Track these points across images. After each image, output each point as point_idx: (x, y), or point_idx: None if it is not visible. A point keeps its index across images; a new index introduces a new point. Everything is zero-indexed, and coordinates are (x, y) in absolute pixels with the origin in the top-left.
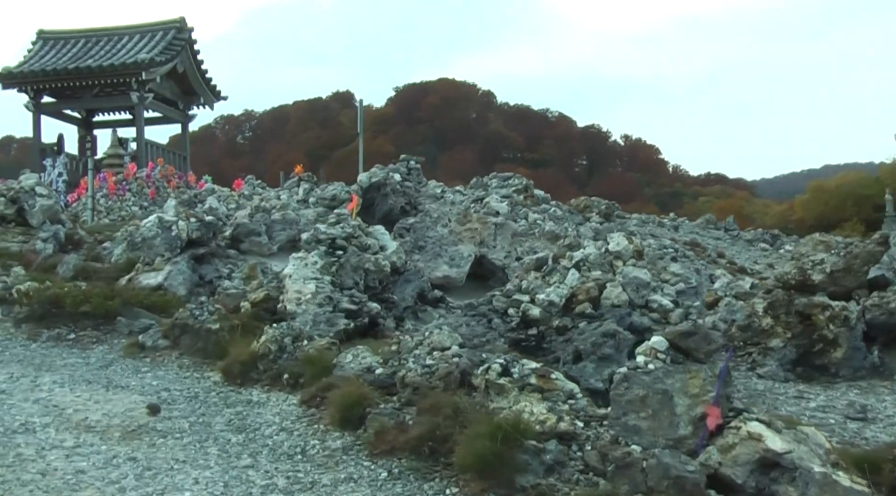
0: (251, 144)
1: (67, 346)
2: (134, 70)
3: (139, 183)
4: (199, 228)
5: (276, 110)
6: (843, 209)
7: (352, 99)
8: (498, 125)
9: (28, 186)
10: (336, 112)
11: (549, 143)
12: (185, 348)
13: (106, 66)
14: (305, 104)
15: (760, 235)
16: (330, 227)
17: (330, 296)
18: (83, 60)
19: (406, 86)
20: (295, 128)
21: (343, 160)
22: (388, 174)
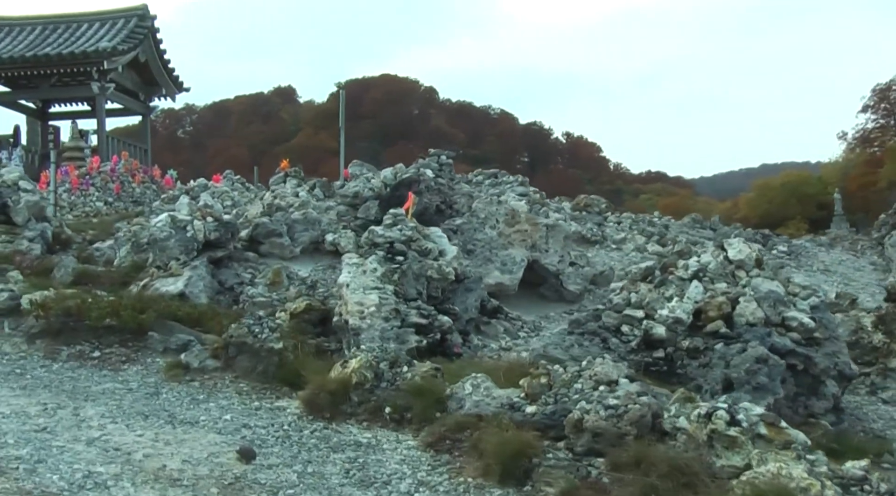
0: (192, 139)
1: (95, 367)
2: (95, 59)
3: (103, 177)
4: (217, 229)
5: (218, 105)
6: (788, 207)
7: (294, 94)
8: (440, 121)
9: (11, 180)
10: (278, 107)
11: (491, 140)
12: (242, 371)
13: (65, 55)
14: (247, 99)
15: (752, 235)
16: (387, 230)
17: (396, 308)
18: (40, 48)
19: (348, 81)
20: (236, 123)
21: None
22: (418, 170)
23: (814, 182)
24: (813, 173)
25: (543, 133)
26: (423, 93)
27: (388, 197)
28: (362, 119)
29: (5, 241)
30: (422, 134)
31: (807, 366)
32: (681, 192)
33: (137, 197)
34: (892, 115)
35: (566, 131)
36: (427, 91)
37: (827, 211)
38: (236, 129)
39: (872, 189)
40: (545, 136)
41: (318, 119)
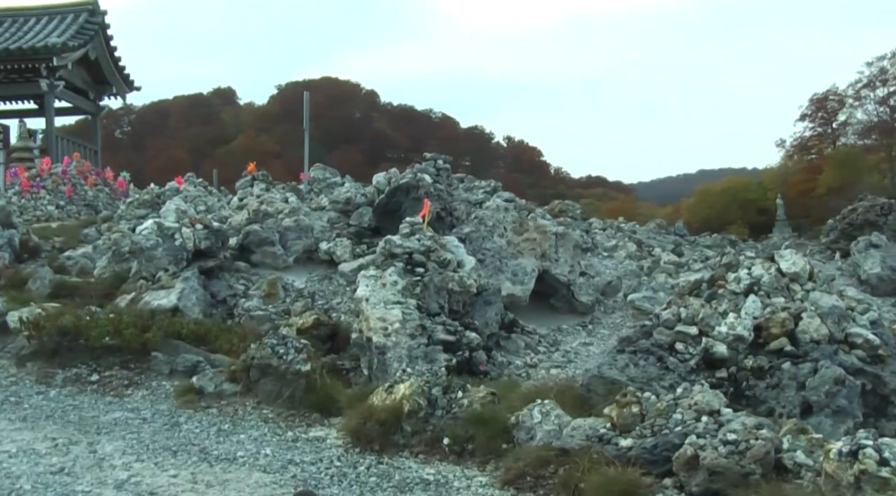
0: (130, 139)
1: (96, 393)
2: (44, 55)
3: (54, 179)
4: (208, 237)
5: (156, 105)
6: (729, 212)
7: (234, 96)
8: (382, 125)
9: None
10: (218, 109)
11: (434, 144)
12: (265, 396)
13: (13, 50)
14: (186, 100)
15: (718, 241)
16: (405, 240)
17: (422, 324)
18: None
19: (289, 84)
20: (176, 123)
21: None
22: (416, 175)
23: (754, 188)
24: (753, 179)
25: (485, 137)
26: (365, 96)
27: (383, 203)
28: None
29: None
30: (364, 137)
31: (875, 386)
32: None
33: (90, 200)
34: (829, 123)
35: (507, 135)
36: (369, 94)
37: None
38: (176, 131)
39: (811, 195)
40: (487, 139)
41: (259, 121)
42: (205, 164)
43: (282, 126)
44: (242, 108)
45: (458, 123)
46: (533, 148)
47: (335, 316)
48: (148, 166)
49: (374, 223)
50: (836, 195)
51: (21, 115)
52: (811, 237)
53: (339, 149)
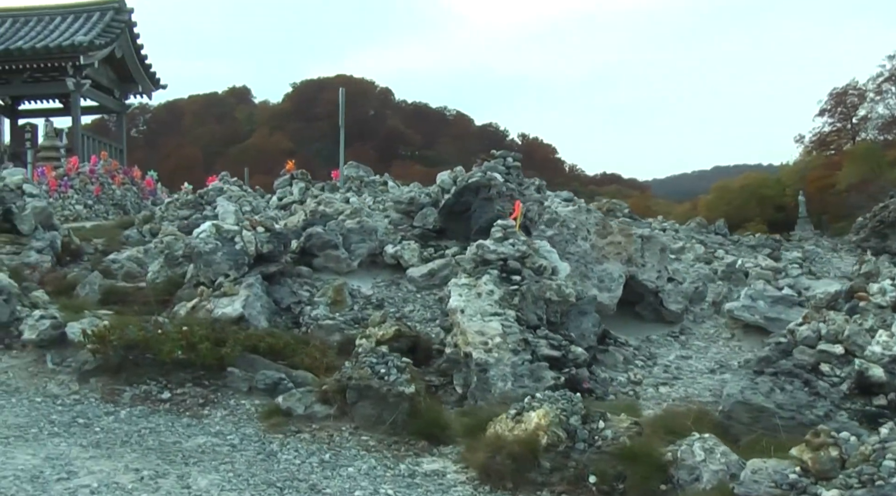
0: (145, 138)
1: (170, 413)
2: (71, 54)
3: (82, 179)
4: (270, 240)
5: (171, 104)
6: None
7: (248, 94)
8: (396, 122)
9: (14, 184)
10: (232, 107)
11: (447, 141)
12: (363, 420)
13: (39, 49)
14: (201, 99)
15: (763, 241)
16: (499, 244)
17: (524, 338)
18: (12, 41)
19: (303, 82)
20: (190, 122)
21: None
22: (485, 173)
23: (772, 184)
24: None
25: (499, 134)
26: (379, 93)
27: (450, 204)
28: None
29: (11, 252)
30: (378, 134)
31: None
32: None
33: (118, 199)
34: (849, 118)
35: (521, 133)
36: (383, 92)
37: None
38: (190, 129)
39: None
40: (501, 137)
41: (273, 119)
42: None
43: (296, 124)
44: (257, 107)
45: (472, 121)
46: (547, 145)
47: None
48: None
49: (439, 224)
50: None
51: (47, 114)
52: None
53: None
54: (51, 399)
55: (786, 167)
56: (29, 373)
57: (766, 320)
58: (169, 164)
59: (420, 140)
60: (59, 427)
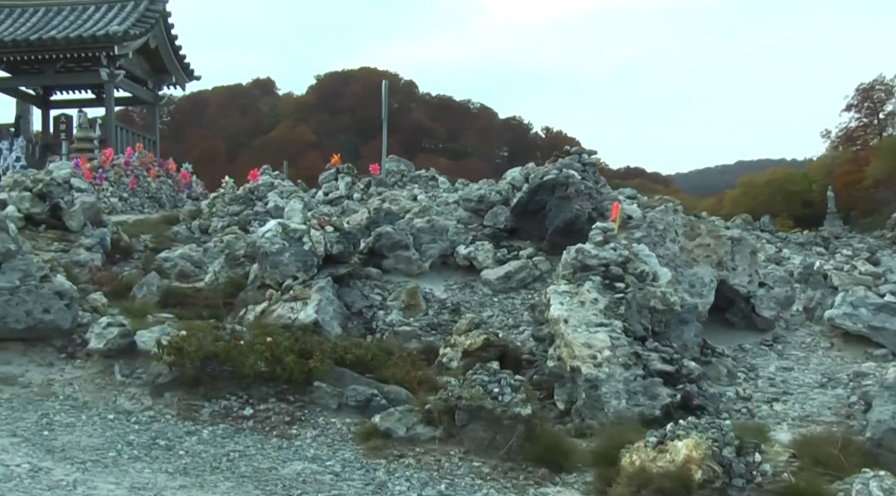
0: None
1: (255, 432)
2: (105, 44)
3: (117, 171)
4: (340, 240)
5: (195, 95)
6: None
7: (272, 86)
8: (420, 115)
9: (61, 178)
10: (256, 99)
11: (471, 134)
12: (475, 444)
13: (73, 38)
14: (225, 90)
15: (812, 238)
16: (599, 249)
17: (635, 351)
18: (45, 31)
19: (327, 74)
20: (214, 114)
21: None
22: (560, 171)
23: (799, 179)
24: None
25: (523, 127)
26: (403, 86)
27: (524, 202)
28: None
29: (59, 249)
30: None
31: None
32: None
33: (153, 192)
34: (876, 114)
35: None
36: (407, 85)
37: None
38: (213, 121)
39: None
40: (525, 130)
41: (297, 111)
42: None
43: (320, 116)
44: (281, 99)
45: (496, 114)
46: (571, 139)
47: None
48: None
49: (510, 224)
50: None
51: (79, 105)
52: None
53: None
54: (124, 416)
55: (811, 162)
56: (96, 385)
57: (869, 329)
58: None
59: (444, 133)
60: (139, 449)
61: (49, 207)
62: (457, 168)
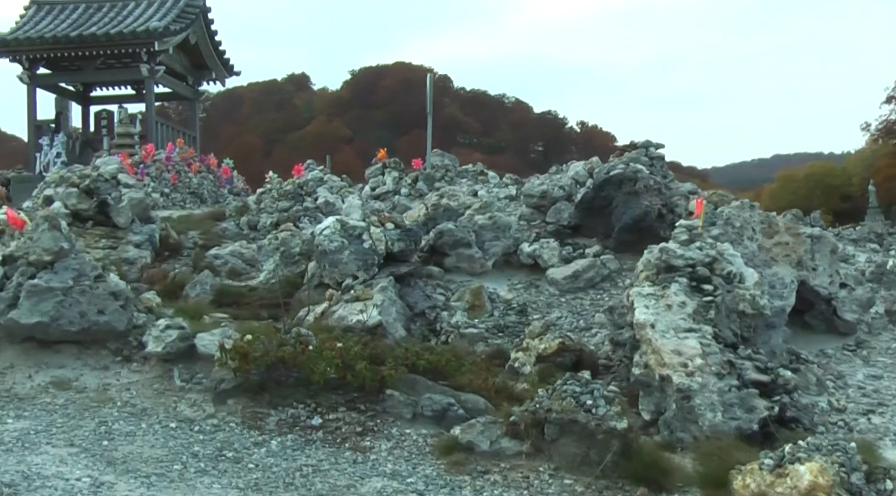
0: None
1: (326, 444)
2: (145, 39)
3: (158, 166)
4: (401, 238)
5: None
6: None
7: (307, 81)
8: (454, 110)
9: (108, 173)
10: (291, 95)
11: (505, 129)
12: (566, 460)
13: (113, 34)
14: (260, 86)
15: (865, 234)
16: (685, 248)
17: (729, 360)
18: (85, 27)
19: (362, 69)
20: (249, 110)
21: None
22: (628, 165)
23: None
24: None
25: (558, 122)
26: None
27: (589, 198)
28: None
29: (107, 247)
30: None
31: None
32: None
33: (195, 188)
34: None
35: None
36: (441, 79)
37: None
38: (248, 117)
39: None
40: (560, 125)
41: (332, 107)
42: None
43: (354, 111)
44: (316, 94)
45: (531, 108)
46: (606, 133)
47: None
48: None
49: (574, 220)
50: None
51: (118, 101)
52: None
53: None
54: (186, 424)
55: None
56: (154, 391)
57: None
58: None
59: (479, 127)
60: (206, 461)
61: (96, 204)
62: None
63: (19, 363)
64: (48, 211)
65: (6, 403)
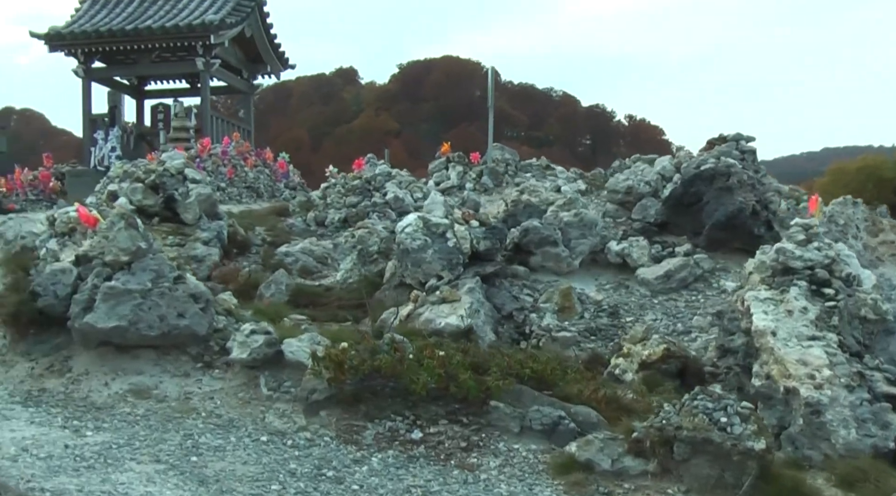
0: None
1: (430, 461)
2: (201, 33)
3: (214, 160)
4: (487, 236)
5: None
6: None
7: (355, 75)
8: (502, 103)
9: (175, 169)
10: (339, 88)
11: (553, 122)
12: (697, 482)
13: (169, 28)
14: (308, 80)
15: None
16: (803, 249)
17: (860, 371)
18: (141, 21)
19: (410, 63)
20: (297, 103)
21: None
22: (719, 159)
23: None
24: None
25: (605, 115)
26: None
27: (678, 194)
28: (423, 101)
29: (175, 244)
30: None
31: None
32: None
33: (251, 182)
34: None
35: (629, 114)
36: None
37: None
38: (296, 111)
39: None
40: (608, 118)
41: (380, 100)
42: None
43: (402, 104)
44: (364, 87)
45: (578, 102)
46: (654, 126)
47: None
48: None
49: (661, 217)
50: None
51: (173, 95)
52: None
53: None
54: (278, 437)
55: None
56: (239, 400)
57: None
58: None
59: (526, 121)
60: (305, 481)
61: (162, 199)
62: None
63: (95, 369)
64: (122, 208)
65: (83, 413)
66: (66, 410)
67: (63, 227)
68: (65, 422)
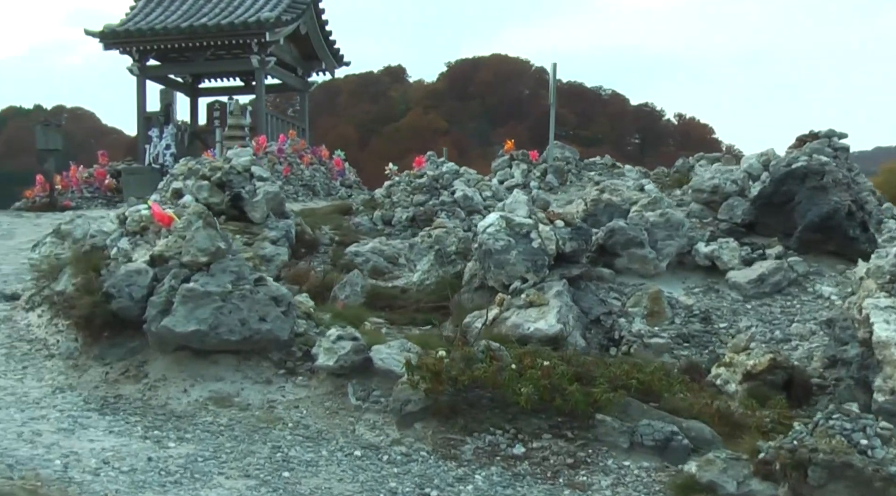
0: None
1: (537, 478)
2: (256, 30)
3: (270, 158)
4: (573, 237)
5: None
6: None
7: (403, 73)
8: None
9: (241, 166)
10: (387, 86)
11: (602, 121)
12: None
13: (224, 25)
14: (356, 78)
15: None
16: None
17: None
18: (196, 18)
19: (458, 61)
20: (346, 101)
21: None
22: (811, 157)
23: None
24: None
25: (655, 114)
26: (534, 73)
27: (767, 193)
28: (471, 99)
29: (243, 243)
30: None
31: None
32: None
33: (307, 180)
34: None
35: (678, 112)
36: (538, 71)
37: None
38: (345, 109)
39: None
40: (657, 117)
41: (428, 99)
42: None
43: (450, 103)
44: (411, 86)
45: (627, 100)
46: (704, 125)
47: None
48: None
49: (749, 218)
50: None
51: (228, 93)
52: None
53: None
54: (372, 452)
55: None
56: (326, 410)
57: None
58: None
59: (575, 120)
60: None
61: (229, 197)
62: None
63: (172, 375)
64: (199, 206)
65: (163, 422)
66: (146, 419)
67: (134, 226)
68: (145, 431)
